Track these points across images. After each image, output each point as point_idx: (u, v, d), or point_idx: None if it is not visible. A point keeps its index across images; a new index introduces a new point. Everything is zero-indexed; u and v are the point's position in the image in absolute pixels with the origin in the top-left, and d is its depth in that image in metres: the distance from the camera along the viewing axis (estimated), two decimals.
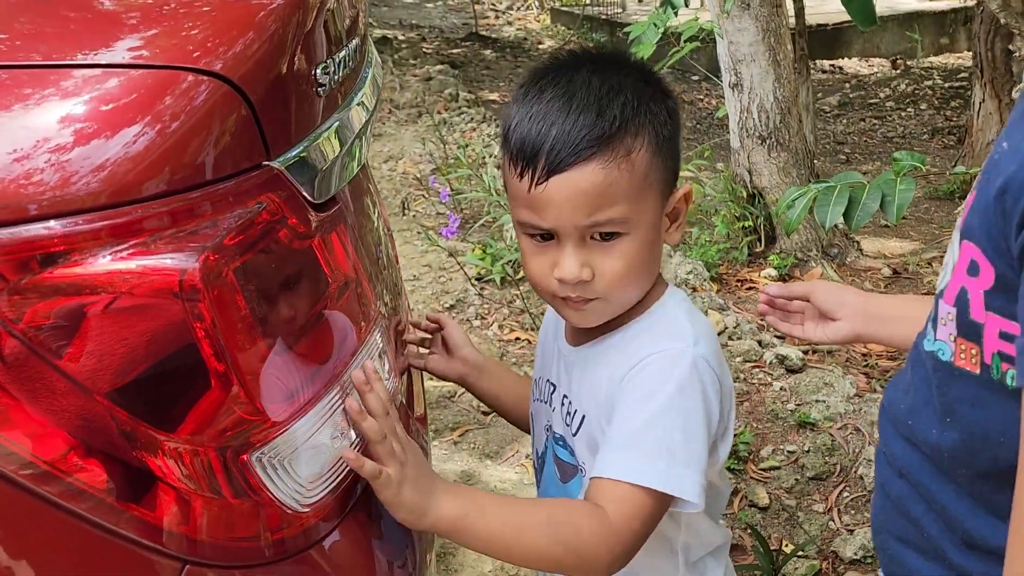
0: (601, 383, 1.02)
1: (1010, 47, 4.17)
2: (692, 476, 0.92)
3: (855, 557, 2.08)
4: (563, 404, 1.09)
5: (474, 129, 5.75)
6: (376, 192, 1.33)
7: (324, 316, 0.84)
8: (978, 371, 0.68)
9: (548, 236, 0.96)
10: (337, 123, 0.92)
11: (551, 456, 1.12)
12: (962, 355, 0.69)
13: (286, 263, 0.78)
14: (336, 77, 0.93)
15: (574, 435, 1.07)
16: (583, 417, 1.05)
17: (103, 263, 0.66)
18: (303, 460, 0.77)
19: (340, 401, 0.85)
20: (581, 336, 1.08)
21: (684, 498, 0.92)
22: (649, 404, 0.95)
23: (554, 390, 1.12)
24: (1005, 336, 0.64)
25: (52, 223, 0.66)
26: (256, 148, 0.77)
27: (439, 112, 6.15)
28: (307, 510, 0.78)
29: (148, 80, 0.73)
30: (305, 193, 0.82)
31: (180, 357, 0.68)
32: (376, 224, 1.23)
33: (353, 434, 0.87)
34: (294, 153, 0.81)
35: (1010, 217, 0.61)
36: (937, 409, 0.75)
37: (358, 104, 1.02)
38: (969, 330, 0.68)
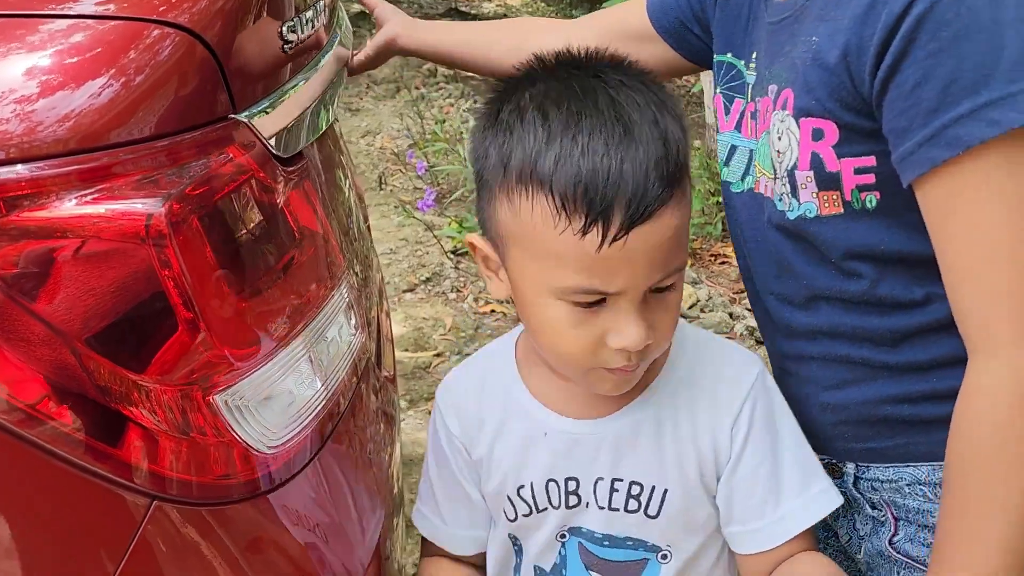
0: (674, 445, 0.88)
1: None
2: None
3: None
4: (612, 491, 0.90)
5: (452, 104, 5.76)
6: (350, 165, 1.35)
7: (290, 268, 0.86)
8: (842, 211, 0.84)
9: (599, 299, 0.78)
10: (303, 81, 0.94)
11: (578, 565, 0.94)
12: (826, 204, 0.84)
13: (252, 213, 0.80)
14: (303, 36, 0.95)
15: (653, 517, 0.89)
16: (664, 491, 0.89)
17: (70, 207, 0.69)
18: (268, 404, 0.80)
19: (305, 351, 0.87)
20: (602, 405, 0.90)
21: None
22: (776, 438, 0.88)
23: (578, 485, 0.91)
24: (860, 171, 0.82)
25: (19, 167, 0.67)
26: (222, 101, 0.79)
27: (417, 87, 6.13)
28: (273, 452, 0.81)
29: (115, 32, 0.75)
30: (271, 147, 0.84)
31: (147, 300, 0.70)
32: (348, 196, 1.25)
33: (319, 383, 0.90)
34: (260, 107, 0.84)
35: (858, 72, 0.77)
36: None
37: (324, 64, 1.03)
38: (829, 181, 0.83)
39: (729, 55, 1.02)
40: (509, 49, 1.18)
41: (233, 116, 0.80)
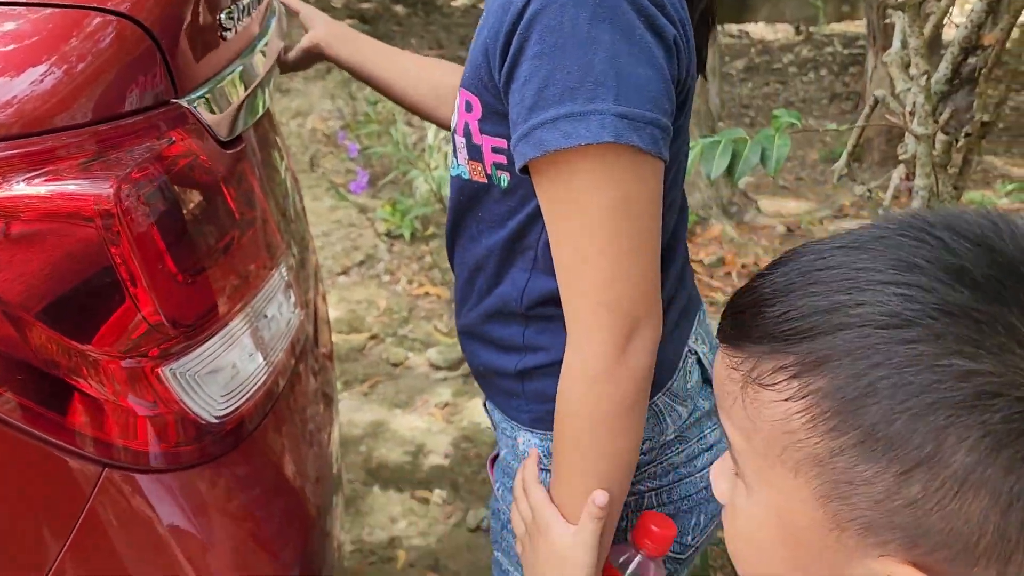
0: None
1: (887, 20, 4.39)
2: None
3: None
4: None
5: None
6: (284, 147, 1.37)
7: (231, 247, 0.89)
8: (486, 182, 0.90)
9: None
10: (241, 67, 0.97)
11: None
12: (474, 172, 0.90)
13: (194, 194, 0.83)
14: (239, 23, 0.97)
15: None
16: None
17: (16, 188, 0.71)
18: (214, 377, 0.84)
19: (247, 327, 0.91)
20: None
21: None
22: None
23: None
24: (496, 150, 0.86)
25: None
26: (164, 86, 0.82)
27: None
28: (219, 421, 0.84)
29: (57, 18, 0.77)
30: (212, 130, 0.87)
31: (96, 277, 0.73)
32: (283, 177, 1.28)
33: (260, 358, 0.94)
34: (200, 93, 0.86)
35: (492, 59, 0.80)
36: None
37: (261, 51, 1.06)
38: (474, 152, 0.88)
39: None
40: (430, 90, 1.21)
41: (175, 101, 0.83)
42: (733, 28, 8.43)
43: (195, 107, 0.85)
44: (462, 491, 2.40)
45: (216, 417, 0.84)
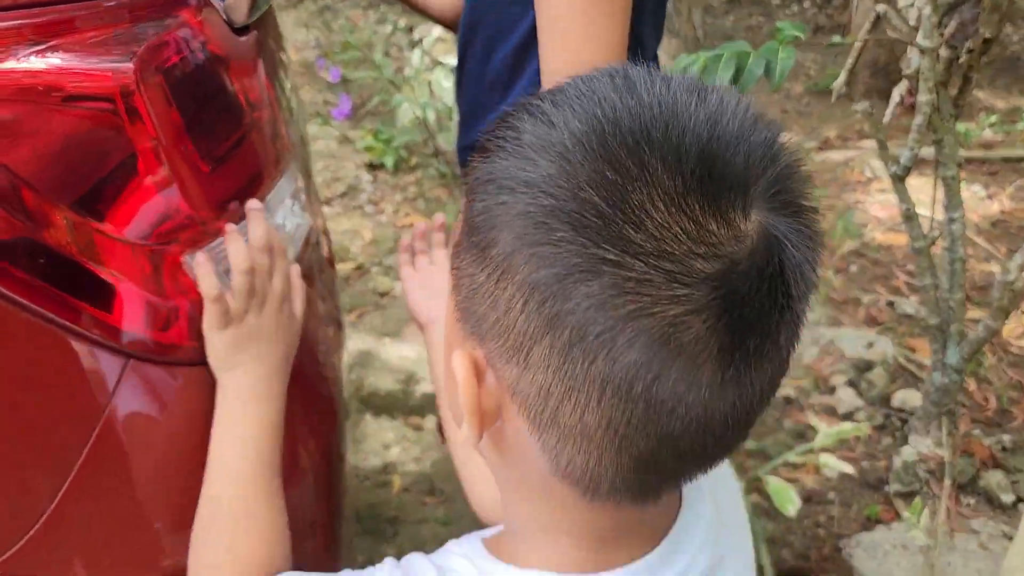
0: None
1: None
2: None
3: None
4: None
5: (361, 15, 5.60)
6: (288, 65, 1.32)
7: (244, 140, 0.85)
8: None
9: None
10: None
11: None
12: None
13: (208, 78, 0.79)
14: None
15: None
16: None
17: (29, 62, 0.66)
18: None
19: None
20: None
21: None
22: None
23: None
24: None
25: None
26: None
27: None
28: None
29: None
30: (222, 12, 0.82)
31: (115, 158, 0.69)
32: (290, 96, 1.22)
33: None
34: None
35: None
36: None
37: None
38: None
39: None
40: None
41: None
42: None
43: None
44: None
45: None
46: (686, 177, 0.45)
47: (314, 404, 0.98)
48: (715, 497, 0.67)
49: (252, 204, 0.80)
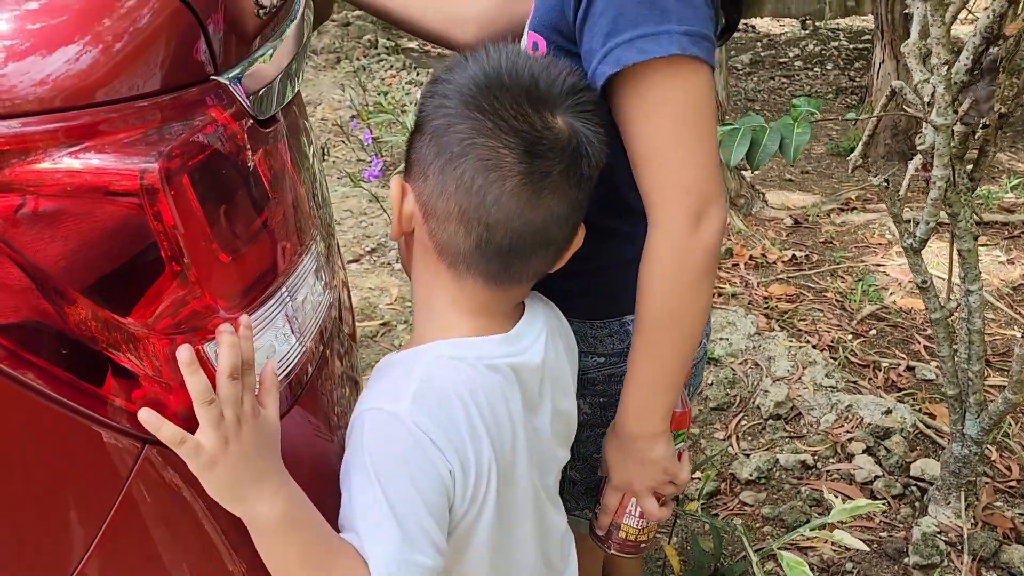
0: None
1: (906, 10, 4.37)
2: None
3: (750, 478, 2.25)
4: None
5: (394, 76, 5.73)
6: (312, 133, 1.38)
7: (267, 226, 0.90)
8: None
9: None
10: (277, 44, 0.97)
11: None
12: None
13: (231, 172, 0.83)
14: (276, 1, 0.98)
15: None
16: None
17: (61, 163, 0.71)
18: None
19: (281, 306, 0.91)
20: None
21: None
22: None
23: None
24: None
25: (3, 123, 0.70)
26: (204, 62, 0.82)
27: (358, 59, 6.09)
28: None
29: None
30: (248, 108, 0.87)
31: (139, 252, 0.73)
32: (312, 162, 1.28)
33: (294, 339, 0.94)
34: (238, 69, 0.86)
35: (567, 6, 1.00)
36: None
37: (293, 31, 1.06)
38: None
39: None
40: (436, 12, 1.36)
41: (215, 78, 0.83)
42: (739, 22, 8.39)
43: (234, 84, 0.85)
44: None
45: None
46: (520, 98, 0.90)
47: (328, 460, 1.00)
48: (548, 323, 1.06)
49: (223, 327, 0.78)
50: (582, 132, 0.93)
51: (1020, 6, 1.72)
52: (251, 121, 0.88)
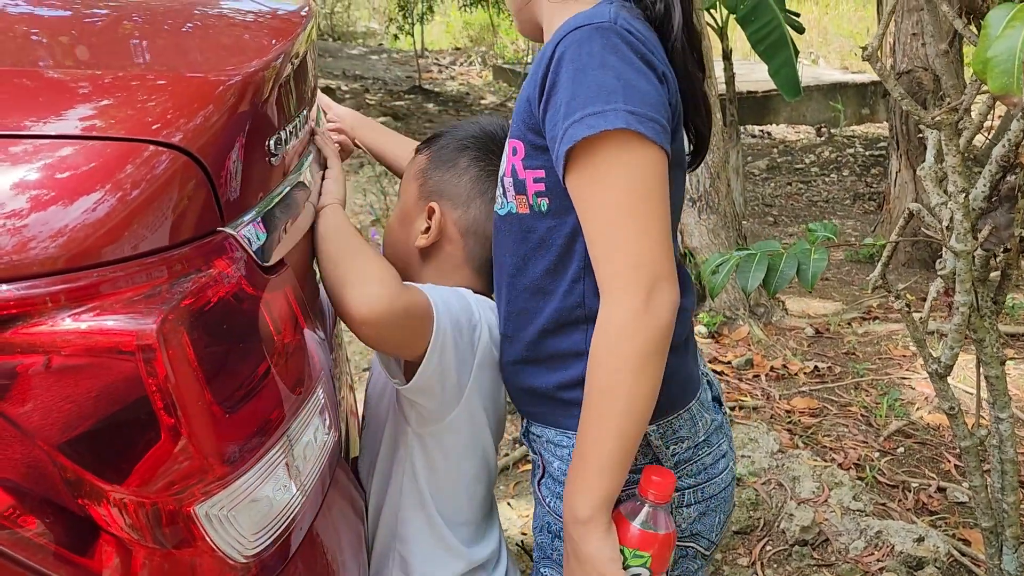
0: None
1: (920, 135, 4.42)
2: None
3: None
4: None
5: None
6: None
7: (270, 374, 0.87)
8: (528, 212, 1.13)
9: None
10: (287, 189, 0.97)
11: None
12: (520, 204, 1.14)
13: (236, 324, 0.82)
14: (286, 147, 0.98)
15: None
16: None
17: (62, 324, 0.70)
18: (246, 512, 0.81)
19: (283, 455, 0.88)
20: None
21: None
22: None
23: None
24: (536, 180, 1.10)
25: (6, 287, 0.69)
26: (211, 215, 0.82)
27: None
28: (248, 561, 0.81)
29: (112, 150, 0.77)
30: (255, 257, 0.86)
31: (131, 412, 0.71)
32: (320, 289, 1.27)
33: (294, 488, 0.91)
34: (246, 219, 0.86)
35: (533, 101, 1.06)
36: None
37: (304, 171, 1.07)
38: (520, 187, 1.12)
39: None
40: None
41: (221, 229, 0.83)
42: (755, 129, 8.53)
43: (240, 234, 0.84)
44: None
45: (246, 557, 0.80)
46: (489, 146, 1.31)
47: None
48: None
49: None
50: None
51: None
52: (257, 268, 0.87)
